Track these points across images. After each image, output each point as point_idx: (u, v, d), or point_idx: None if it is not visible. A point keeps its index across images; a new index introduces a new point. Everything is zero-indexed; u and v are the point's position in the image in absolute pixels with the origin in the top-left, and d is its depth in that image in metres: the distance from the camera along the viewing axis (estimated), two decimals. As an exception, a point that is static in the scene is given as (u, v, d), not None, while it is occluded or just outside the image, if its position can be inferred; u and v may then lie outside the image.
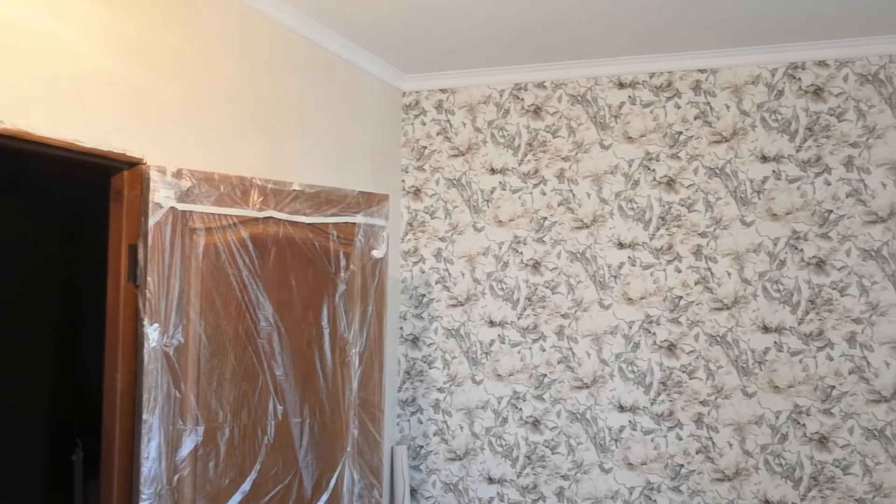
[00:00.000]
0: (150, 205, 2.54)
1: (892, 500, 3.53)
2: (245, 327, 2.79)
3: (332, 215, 3.08)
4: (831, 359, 3.64)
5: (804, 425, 3.66)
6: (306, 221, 2.99)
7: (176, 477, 2.58)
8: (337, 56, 3.79)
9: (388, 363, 3.76)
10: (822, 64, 3.71)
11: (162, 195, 2.56)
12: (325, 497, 3.01)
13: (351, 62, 3.90)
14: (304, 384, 2.97)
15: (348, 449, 3.13)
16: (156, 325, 2.54)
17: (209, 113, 3.01)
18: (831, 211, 3.66)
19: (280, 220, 2.90)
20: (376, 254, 3.24)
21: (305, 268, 3.01)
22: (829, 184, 3.68)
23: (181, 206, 2.61)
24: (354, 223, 3.16)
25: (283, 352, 2.90)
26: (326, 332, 3.06)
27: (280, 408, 2.88)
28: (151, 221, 2.55)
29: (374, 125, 4.18)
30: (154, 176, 2.55)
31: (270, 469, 2.84)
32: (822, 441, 3.64)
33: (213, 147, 3.01)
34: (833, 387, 3.63)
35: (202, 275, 2.68)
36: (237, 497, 2.73)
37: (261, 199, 2.83)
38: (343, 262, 3.13)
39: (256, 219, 2.82)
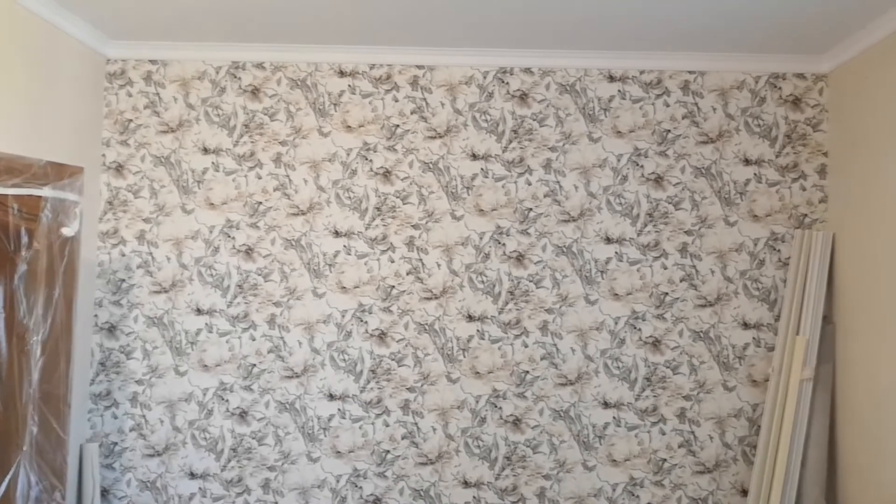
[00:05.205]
0: None
1: (573, 475, 3.86)
2: None
3: (13, 186, 2.72)
4: (526, 346, 3.90)
5: (501, 408, 3.90)
6: (-20, 191, 2.62)
7: None
8: (30, 11, 3.38)
9: (77, 353, 3.45)
10: (528, 71, 3.96)
11: None
12: (-7, 504, 2.66)
13: (47, 20, 3.50)
14: (-28, 377, 2.60)
15: (25, 448, 2.79)
16: None
17: None
18: (531, 209, 3.93)
19: (-54, 187, 2.52)
20: (67, 232, 2.92)
21: (-23, 244, 2.63)
22: (529, 184, 3.94)
23: None
24: (41, 196, 2.82)
25: (-56, 340, 2.52)
26: (1, 317, 2.70)
27: (-61, 404, 2.50)
28: None
29: (72, 92, 3.78)
30: None
31: (-78, 475, 2.45)
32: (516, 423, 3.90)
33: None
34: (527, 372, 3.90)
35: None
36: None
37: (-79, 161, 2.43)
38: (25, 240, 2.78)
39: (-86, 184, 2.42)
